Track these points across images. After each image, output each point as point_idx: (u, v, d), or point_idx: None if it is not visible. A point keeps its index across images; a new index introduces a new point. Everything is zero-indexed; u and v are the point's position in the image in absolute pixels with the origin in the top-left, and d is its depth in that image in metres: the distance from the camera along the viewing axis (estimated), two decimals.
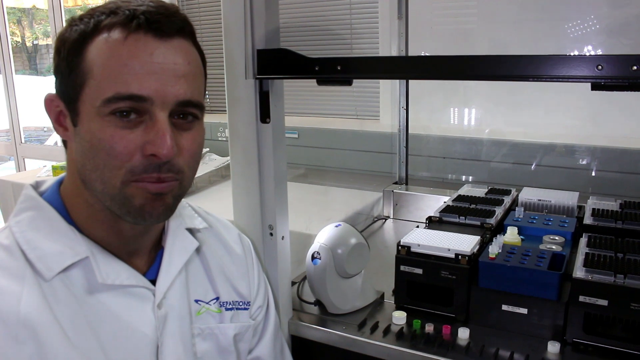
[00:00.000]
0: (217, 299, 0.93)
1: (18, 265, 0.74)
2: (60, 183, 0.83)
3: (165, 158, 0.73)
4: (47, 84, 0.81)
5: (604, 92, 0.80)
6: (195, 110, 0.78)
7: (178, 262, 0.87)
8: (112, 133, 0.71)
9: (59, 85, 0.76)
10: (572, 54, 1.91)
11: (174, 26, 0.74)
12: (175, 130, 0.75)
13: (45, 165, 2.76)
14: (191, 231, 0.93)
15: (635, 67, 0.74)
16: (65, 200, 0.81)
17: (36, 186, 0.83)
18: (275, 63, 1.03)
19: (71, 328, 0.74)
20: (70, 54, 0.73)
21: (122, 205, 0.75)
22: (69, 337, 0.73)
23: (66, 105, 0.76)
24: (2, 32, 3.53)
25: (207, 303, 0.91)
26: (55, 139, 4.94)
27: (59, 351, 0.72)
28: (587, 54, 1.91)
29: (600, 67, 0.77)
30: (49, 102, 0.77)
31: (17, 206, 0.80)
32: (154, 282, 0.83)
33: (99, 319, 0.77)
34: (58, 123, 0.78)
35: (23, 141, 3.76)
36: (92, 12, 0.75)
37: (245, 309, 0.97)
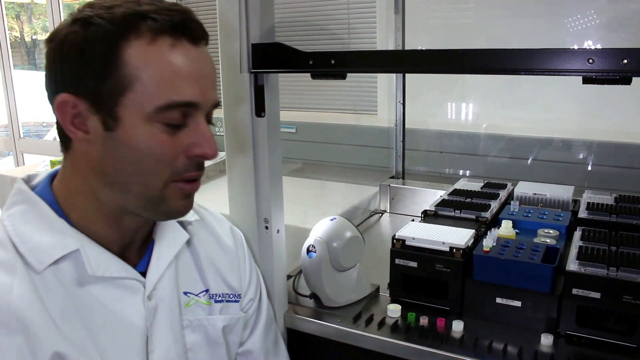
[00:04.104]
0: (207, 291, 0.94)
1: (9, 257, 0.74)
2: (51, 177, 0.84)
3: (212, 158, 0.78)
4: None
5: (600, 86, 0.80)
6: (213, 111, 0.82)
7: (168, 255, 0.88)
8: (160, 140, 0.74)
9: (81, 88, 0.73)
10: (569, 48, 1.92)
11: (203, 32, 0.77)
12: None
13: (44, 161, 2.77)
14: (182, 224, 0.93)
15: (625, 61, 0.75)
16: (58, 195, 0.81)
17: (28, 180, 0.84)
18: (270, 57, 1.03)
19: (62, 319, 0.75)
20: (104, 58, 0.72)
21: (156, 205, 0.79)
22: (60, 328, 0.74)
23: (94, 108, 0.74)
24: (0, 27, 3.52)
25: (196, 295, 0.93)
26: (54, 134, 4.94)
27: (48, 342, 0.73)
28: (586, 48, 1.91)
29: (591, 60, 0.77)
30: (62, 104, 0.74)
31: (8, 200, 0.81)
32: (144, 274, 0.85)
33: (89, 310, 0.77)
34: (74, 125, 0.75)
35: (22, 136, 3.76)
36: (111, 12, 0.73)
37: (235, 301, 0.98)
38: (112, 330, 0.79)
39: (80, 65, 0.72)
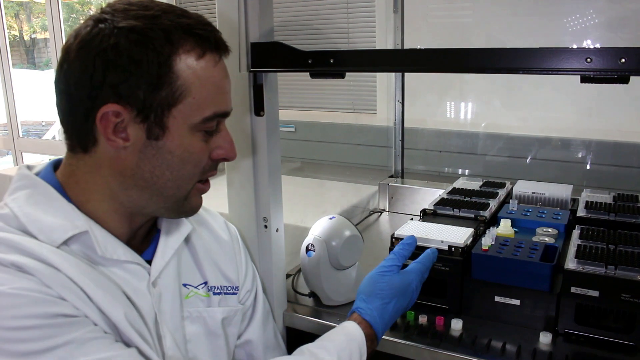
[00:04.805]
0: (206, 283, 0.96)
1: (19, 235, 0.74)
2: (54, 166, 0.84)
3: (233, 159, 0.87)
4: (46, 78, 0.80)
5: (599, 85, 0.80)
6: None
7: (174, 244, 0.90)
8: (200, 146, 0.81)
9: (129, 98, 0.74)
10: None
11: (227, 46, 0.83)
12: None
13: (43, 160, 2.77)
14: None
15: (623, 60, 0.75)
16: (63, 183, 0.81)
17: (29, 168, 0.84)
18: (269, 56, 1.03)
19: (85, 285, 0.74)
20: (159, 70, 0.74)
21: (181, 205, 0.85)
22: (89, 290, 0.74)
23: (141, 117, 0.75)
24: None
25: (195, 287, 0.94)
26: (53, 133, 4.94)
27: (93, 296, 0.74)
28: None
29: (589, 59, 0.77)
30: (107, 114, 0.74)
31: (12, 185, 0.81)
32: (149, 263, 0.86)
33: (104, 286, 0.77)
34: (115, 134, 0.76)
35: (21, 135, 3.76)
36: (155, 23, 0.74)
37: (233, 293, 1.00)
38: (127, 309, 0.79)
39: (132, 76, 0.73)
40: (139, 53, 0.73)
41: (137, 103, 0.74)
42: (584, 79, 0.79)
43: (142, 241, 0.89)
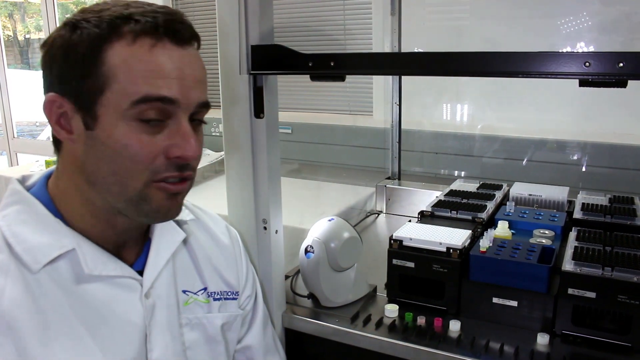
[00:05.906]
0: (205, 289, 0.95)
1: (3, 258, 0.74)
2: (47, 178, 0.84)
3: (192, 159, 0.77)
4: (40, 79, 0.81)
5: (594, 88, 0.81)
6: (205, 112, 0.81)
7: (165, 253, 0.88)
8: (137, 139, 0.74)
9: (66, 88, 0.75)
10: (563, 50, 1.94)
11: (190, 34, 0.78)
12: None
13: (37, 160, 2.76)
14: (178, 223, 0.94)
15: (621, 64, 0.76)
16: (53, 195, 0.81)
17: (22, 180, 0.84)
18: (269, 59, 1.04)
19: (57, 319, 0.74)
20: (86, 59, 0.73)
21: (137, 205, 0.78)
22: (52, 328, 0.74)
23: (77, 107, 0.75)
24: None
25: (195, 293, 0.93)
26: (47, 134, 4.92)
27: (37, 349, 0.72)
28: (579, 51, 1.92)
29: (587, 64, 0.78)
30: (49, 103, 0.76)
31: (3, 200, 0.81)
32: (141, 272, 0.85)
33: (87, 308, 0.78)
34: (59, 125, 0.76)
35: (15, 135, 3.74)
36: (98, 15, 0.74)
37: (233, 298, 0.99)
38: (111, 328, 0.79)
39: (65, 66, 0.75)
40: (70, 44, 0.74)
41: (72, 93, 0.75)
42: (583, 83, 0.80)
43: (134, 250, 0.88)
